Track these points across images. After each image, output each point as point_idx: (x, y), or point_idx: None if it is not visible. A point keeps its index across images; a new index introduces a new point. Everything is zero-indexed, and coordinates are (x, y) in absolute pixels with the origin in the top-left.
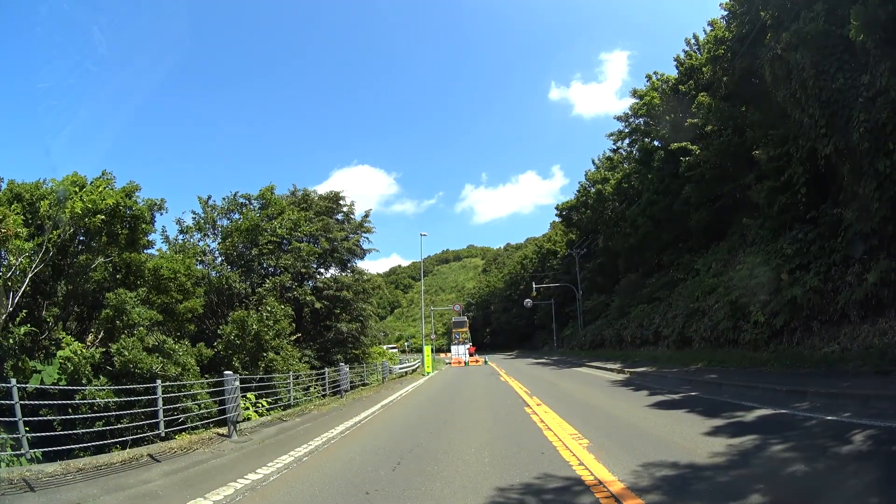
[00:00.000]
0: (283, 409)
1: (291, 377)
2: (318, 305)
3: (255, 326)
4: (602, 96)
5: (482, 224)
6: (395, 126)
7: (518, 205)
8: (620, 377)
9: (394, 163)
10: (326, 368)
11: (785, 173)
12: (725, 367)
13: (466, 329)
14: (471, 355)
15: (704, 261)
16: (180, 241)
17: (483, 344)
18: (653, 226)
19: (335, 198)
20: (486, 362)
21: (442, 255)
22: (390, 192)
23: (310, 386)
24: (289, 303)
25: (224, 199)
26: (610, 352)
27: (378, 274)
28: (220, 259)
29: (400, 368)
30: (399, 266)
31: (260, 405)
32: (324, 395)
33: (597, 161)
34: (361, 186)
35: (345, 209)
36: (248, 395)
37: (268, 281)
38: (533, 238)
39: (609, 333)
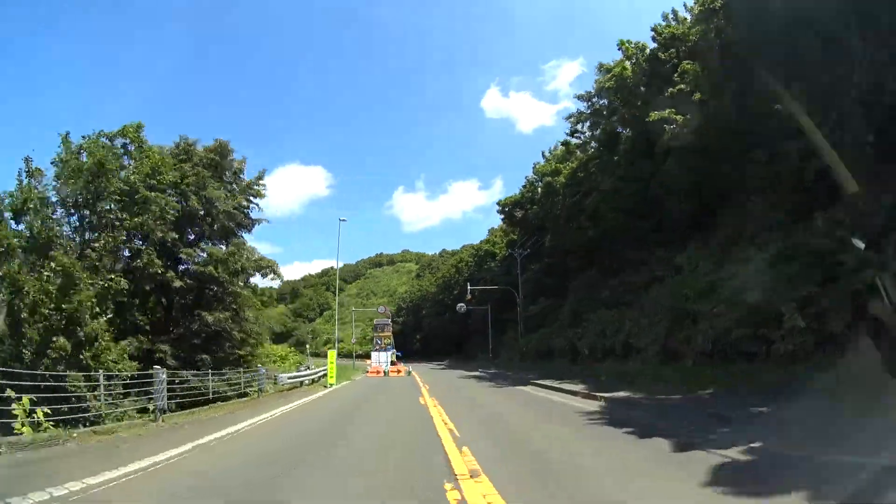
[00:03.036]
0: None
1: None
2: (176, 283)
3: (32, 293)
4: (547, 110)
5: (417, 231)
6: (331, 126)
7: (455, 213)
8: (594, 406)
9: (329, 164)
10: (157, 369)
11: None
12: (760, 390)
13: (389, 333)
14: (392, 364)
15: (689, 256)
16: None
17: (413, 351)
18: (622, 216)
19: (221, 150)
20: (409, 373)
21: (375, 258)
22: (324, 194)
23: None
24: (144, 279)
25: (84, 137)
26: (560, 365)
27: (310, 274)
28: (60, 212)
29: (290, 378)
30: (332, 268)
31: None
32: (151, 411)
33: (547, 154)
34: (295, 186)
35: (234, 165)
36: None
37: (102, 237)
38: (470, 245)
39: (559, 343)
